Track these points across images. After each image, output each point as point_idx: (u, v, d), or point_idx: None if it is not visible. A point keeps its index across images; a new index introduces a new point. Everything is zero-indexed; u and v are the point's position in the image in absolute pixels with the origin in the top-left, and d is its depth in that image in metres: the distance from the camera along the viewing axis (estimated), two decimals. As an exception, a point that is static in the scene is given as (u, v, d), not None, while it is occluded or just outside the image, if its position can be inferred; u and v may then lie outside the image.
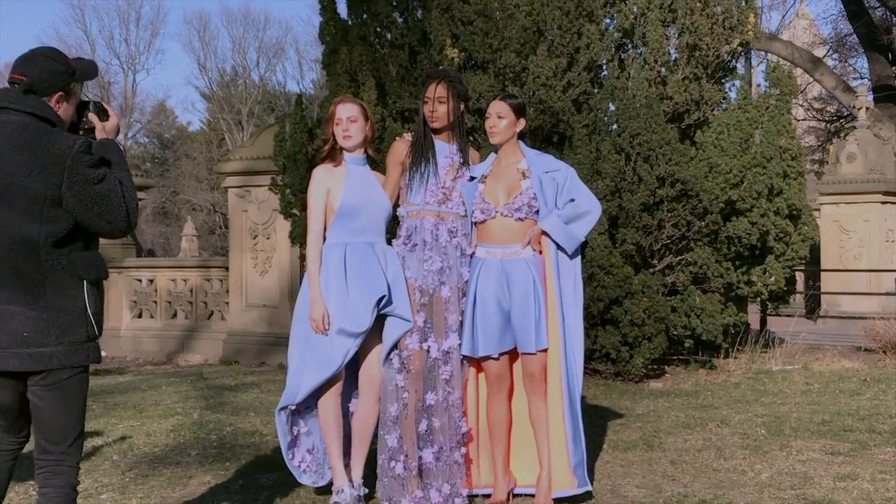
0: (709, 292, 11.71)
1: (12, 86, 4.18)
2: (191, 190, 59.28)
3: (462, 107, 6.20)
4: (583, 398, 9.79)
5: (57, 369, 4.09)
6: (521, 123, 6.16)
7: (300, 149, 12.54)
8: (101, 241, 4.37)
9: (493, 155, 6.27)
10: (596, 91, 11.95)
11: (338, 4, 13.05)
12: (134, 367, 15.13)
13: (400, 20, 12.61)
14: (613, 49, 12.23)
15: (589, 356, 11.30)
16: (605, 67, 12.20)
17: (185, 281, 16.84)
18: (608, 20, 12.26)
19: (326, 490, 6.16)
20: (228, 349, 15.33)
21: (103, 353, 14.93)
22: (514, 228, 6.02)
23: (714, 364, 12.30)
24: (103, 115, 4.41)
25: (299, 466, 6.13)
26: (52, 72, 4.20)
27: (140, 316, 17.21)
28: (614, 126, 11.67)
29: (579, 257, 6.15)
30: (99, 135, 4.37)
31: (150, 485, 6.77)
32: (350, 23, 12.88)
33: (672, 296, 11.72)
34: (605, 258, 10.96)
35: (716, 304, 11.63)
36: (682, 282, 11.67)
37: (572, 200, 6.01)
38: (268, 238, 15.05)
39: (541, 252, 6.02)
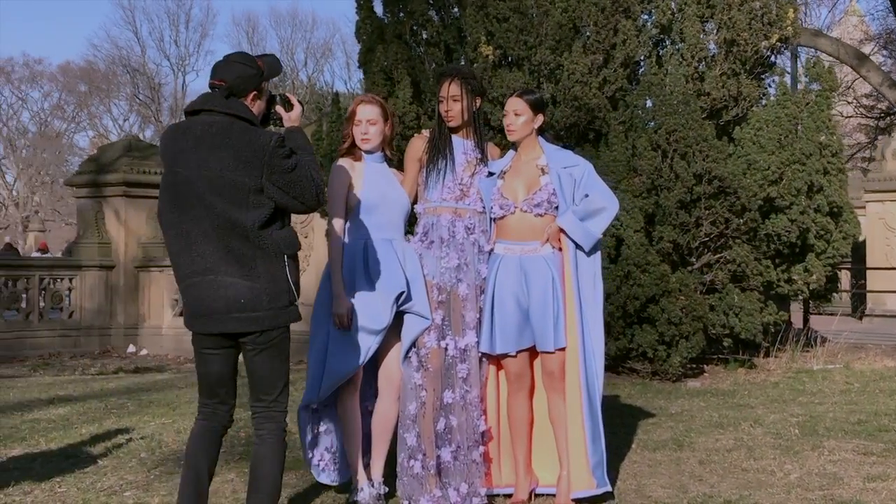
0: (748, 290, 11.58)
1: (213, 90, 4.84)
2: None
3: (478, 102, 6.15)
4: (616, 397, 9.81)
5: (267, 330, 4.78)
6: (540, 119, 6.09)
7: (337, 147, 12.49)
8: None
9: (512, 151, 6.22)
10: (633, 87, 11.85)
11: (374, 3, 13.04)
12: (174, 366, 15.20)
13: (436, 18, 12.59)
14: (651, 45, 12.15)
15: (625, 355, 11.24)
16: (642, 64, 12.12)
17: (226, 279, 16.85)
18: (645, 16, 12.18)
19: (346, 488, 6.13)
20: (268, 347, 15.33)
21: (144, 352, 15.11)
22: (533, 225, 5.96)
23: (754, 363, 12.17)
24: (288, 105, 5.06)
25: (318, 465, 6.09)
26: (246, 76, 4.85)
27: (181, 314, 17.25)
28: (651, 123, 11.57)
29: (598, 254, 6.04)
30: (286, 124, 5.06)
31: (175, 482, 6.71)
32: (386, 21, 12.87)
33: (710, 294, 11.60)
34: (641, 256, 10.87)
35: (755, 303, 11.49)
36: (721, 280, 11.55)
37: (586, 196, 5.94)
38: (305, 237, 15.06)
39: (560, 249, 5.95)
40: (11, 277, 17.97)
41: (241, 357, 4.97)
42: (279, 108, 5.03)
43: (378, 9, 13.02)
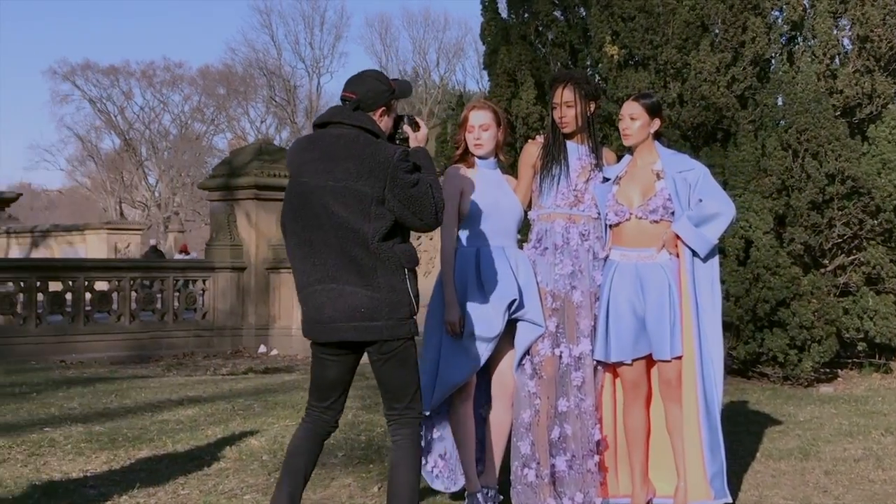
0: (883, 293, 11.27)
1: (344, 102, 4.95)
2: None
3: (592, 107, 6.06)
4: (744, 403, 9.61)
5: (387, 340, 4.80)
6: (656, 124, 5.98)
7: (461, 150, 12.52)
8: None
9: (628, 156, 6.12)
10: (762, 86, 11.60)
11: (499, 4, 13.02)
12: (303, 366, 15.32)
13: (561, 18, 12.52)
14: (784, 41, 11.91)
15: (755, 359, 11.03)
16: (772, 61, 11.87)
17: (354, 280, 16.98)
18: (776, 13, 11.94)
19: (459, 496, 6.10)
20: (395, 349, 15.39)
21: (274, 352, 15.22)
22: (649, 231, 5.86)
23: (890, 367, 11.82)
24: (415, 126, 5.12)
25: (432, 472, 6.08)
26: (377, 91, 4.93)
27: (310, 316, 17.42)
28: (781, 122, 11.32)
29: (716, 260, 5.91)
30: (412, 143, 5.07)
31: (294, 486, 6.80)
32: (511, 22, 12.84)
33: (844, 297, 11.31)
34: (771, 258, 10.64)
35: (890, 306, 11.17)
36: (855, 282, 11.27)
37: (700, 201, 5.81)
38: (430, 239, 15.07)
39: (677, 255, 5.83)
40: (147, 279, 18.37)
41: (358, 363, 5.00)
42: (406, 128, 5.09)
43: (503, 10, 13.00)
